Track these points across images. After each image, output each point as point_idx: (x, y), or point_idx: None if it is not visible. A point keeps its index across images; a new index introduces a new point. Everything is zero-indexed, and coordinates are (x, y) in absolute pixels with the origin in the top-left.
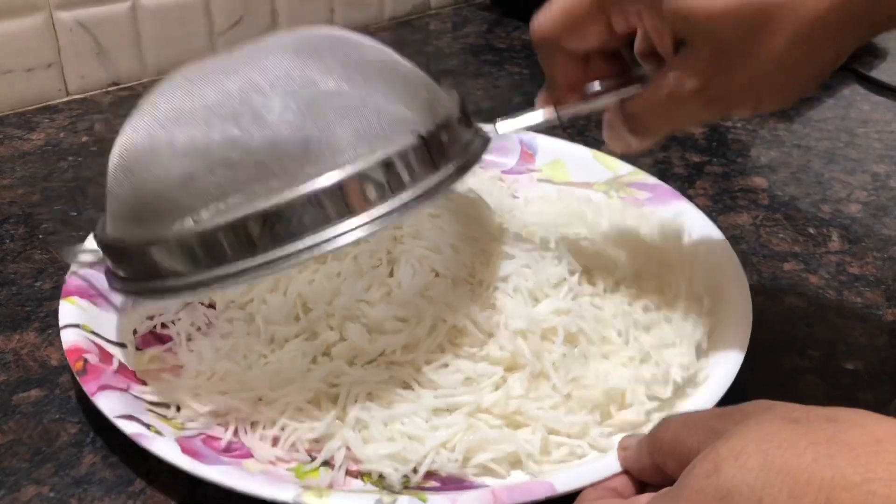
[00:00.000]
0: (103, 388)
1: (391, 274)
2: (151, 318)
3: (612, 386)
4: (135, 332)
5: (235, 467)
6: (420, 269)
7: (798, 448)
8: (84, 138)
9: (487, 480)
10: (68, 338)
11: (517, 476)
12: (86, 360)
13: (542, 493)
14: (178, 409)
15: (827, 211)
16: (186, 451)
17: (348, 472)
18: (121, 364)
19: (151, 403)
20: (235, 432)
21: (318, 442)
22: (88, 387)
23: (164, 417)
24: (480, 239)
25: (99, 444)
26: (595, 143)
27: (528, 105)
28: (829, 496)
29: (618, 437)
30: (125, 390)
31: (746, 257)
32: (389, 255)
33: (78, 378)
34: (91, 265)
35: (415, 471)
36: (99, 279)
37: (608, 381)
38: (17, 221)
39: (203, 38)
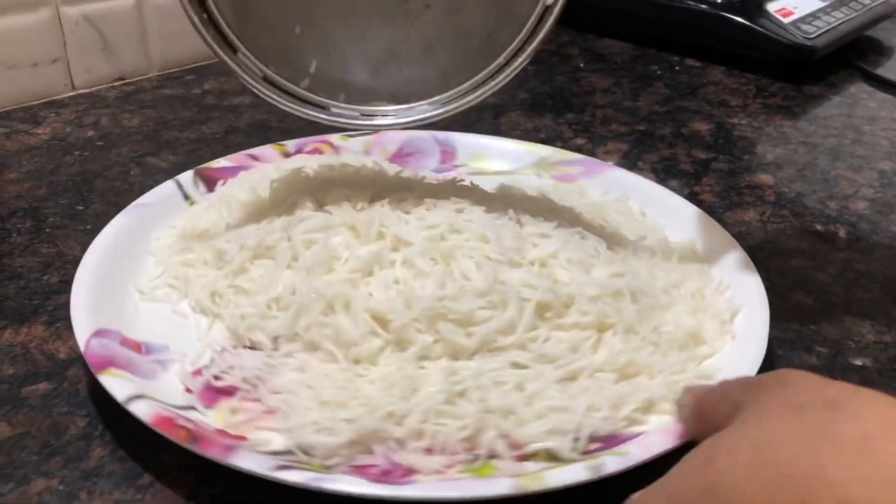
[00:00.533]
0: (229, 449)
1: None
2: (198, 372)
3: (688, 327)
4: (188, 390)
5: (430, 482)
6: (480, 259)
7: (788, 441)
8: (90, 133)
9: (636, 430)
10: (144, 410)
11: (655, 420)
12: (188, 429)
13: None
14: (304, 452)
15: (834, 208)
16: (373, 481)
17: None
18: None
19: (274, 453)
20: (384, 455)
21: (471, 440)
22: (213, 452)
23: (302, 462)
24: (507, 225)
25: (107, 438)
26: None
27: (531, 104)
28: (807, 493)
29: (708, 363)
30: (240, 448)
31: (753, 254)
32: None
33: (191, 448)
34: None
35: (576, 439)
36: (113, 347)
37: (682, 324)
38: (24, 215)
39: None
